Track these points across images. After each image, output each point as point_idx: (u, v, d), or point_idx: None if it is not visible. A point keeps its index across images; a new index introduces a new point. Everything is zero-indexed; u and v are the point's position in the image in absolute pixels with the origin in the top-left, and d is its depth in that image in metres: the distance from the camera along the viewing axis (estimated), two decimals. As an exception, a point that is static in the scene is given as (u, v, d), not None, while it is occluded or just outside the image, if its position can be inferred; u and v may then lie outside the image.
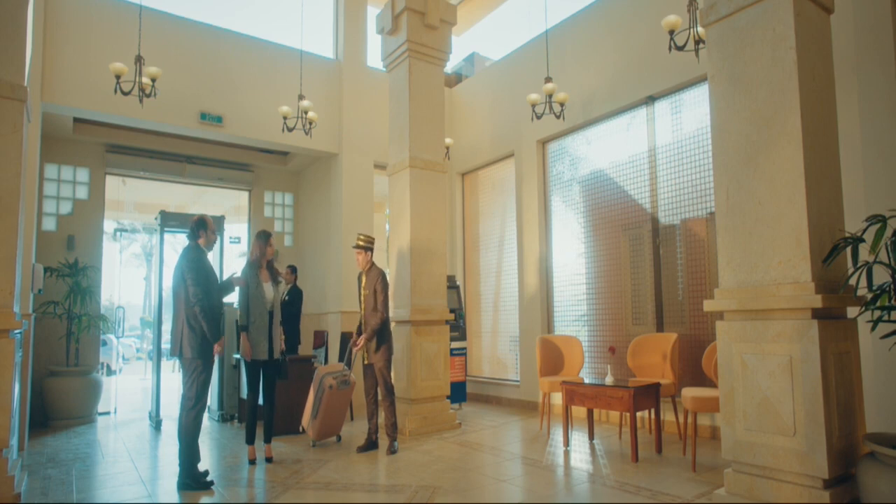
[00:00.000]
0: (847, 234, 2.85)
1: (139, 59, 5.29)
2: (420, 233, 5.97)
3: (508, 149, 7.66)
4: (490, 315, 8.07)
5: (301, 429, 5.63)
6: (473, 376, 8.02)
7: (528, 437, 5.40)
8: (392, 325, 5.70)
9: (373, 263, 5.05)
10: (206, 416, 6.74)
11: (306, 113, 6.54)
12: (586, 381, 5.03)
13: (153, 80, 5.38)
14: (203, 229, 4.19)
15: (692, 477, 3.87)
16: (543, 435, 5.45)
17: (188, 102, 6.74)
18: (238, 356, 6.06)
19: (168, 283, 4.98)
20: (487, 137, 8.05)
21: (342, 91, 7.87)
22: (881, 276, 2.73)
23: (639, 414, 5.60)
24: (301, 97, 6.61)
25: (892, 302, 2.63)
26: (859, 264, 2.71)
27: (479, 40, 10.43)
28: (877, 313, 2.69)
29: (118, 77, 5.25)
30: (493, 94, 8.08)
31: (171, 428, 6.17)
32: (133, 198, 11.00)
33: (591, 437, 5.14)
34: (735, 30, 3.13)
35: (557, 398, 6.21)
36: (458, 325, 7.13)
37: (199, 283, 3.97)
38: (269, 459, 4.55)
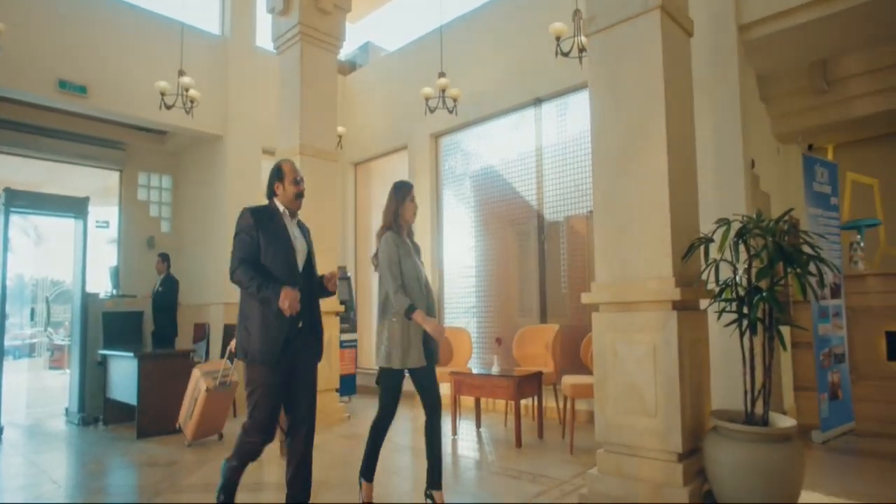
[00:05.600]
0: (701, 235, 3.18)
1: (-19, 15, 4.60)
2: (310, 222, 5.76)
3: (402, 141, 7.65)
4: (382, 307, 8.04)
5: (177, 426, 5.24)
6: (364, 368, 7.96)
7: (418, 428, 5.47)
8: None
9: None
10: (63, 419, 6.09)
11: (187, 91, 6.06)
12: (474, 371, 5.19)
13: (-2, 40, 4.71)
14: (279, 179, 2.92)
15: (570, 459, 4.14)
16: (432, 424, 5.54)
17: (43, 67, 5.96)
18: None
19: (14, 270, 4.25)
20: (381, 128, 7.99)
21: (228, 70, 7.40)
22: (727, 272, 3.09)
23: (523, 401, 5.88)
24: (181, 73, 6.12)
25: (734, 295, 3.00)
26: (709, 261, 3.05)
27: (373, 30, 10.29)
28: (722, 305, 3.04)
29: (-48, 33, 4.52)
30: (387, 84, 8.02)
31: (13, 436, 5.47)
32: (-29, 173, 9.55)
33: (479, 425, 5.33)
34: (612, 42, 3.36)
35: (446, 388, 6.35)
36: (348, 317, 7.03)
37: (241, 246, 2.74)
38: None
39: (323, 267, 5.85)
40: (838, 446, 4.23)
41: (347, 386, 6.82)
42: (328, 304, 5.75)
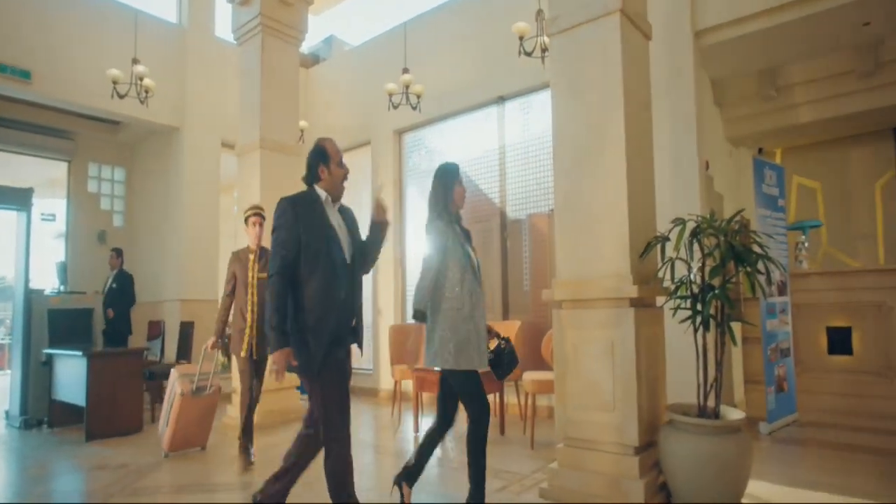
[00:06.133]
0: (658, 234, 3.27)
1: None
2: (271, 218, 5.67)
3: (365, 137, 7.58)
4: (344, 304, 7.96)
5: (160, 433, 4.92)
6: (325, 366, 7.87)
7: (380, 425, 5.45)
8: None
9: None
10: (4, 423, 5.81)
11: (141, 80, 5.85)
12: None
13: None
14: (324, 162, 2.59)
15: (531, 454, 4.19)
16: (395, 422, 5.54)
17: (-17, 52, 5.67)
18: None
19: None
20: (343, 123, 7.90)
21: (186, 60, 7.18)
22: (682, 270, 3.19)
23: (484, 397, 5.93)
24: (135, 61, 5.90)
25: (688, 292, 3.10)
26: (665, 260, 3.14)
27: (337, 23, 10.18)
28: (677, 302, 3.14)
29: None
30: (350, 79, 7.94)
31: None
32: None
33: (440, 421, 5.33)
34: (573, 43, 3.41)
35: (409, 385, 6.34)
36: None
37: (281, 245, 2.50)
38: None
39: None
40: (783, 437, 4.44)
41: (308, 384, 6.72)
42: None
